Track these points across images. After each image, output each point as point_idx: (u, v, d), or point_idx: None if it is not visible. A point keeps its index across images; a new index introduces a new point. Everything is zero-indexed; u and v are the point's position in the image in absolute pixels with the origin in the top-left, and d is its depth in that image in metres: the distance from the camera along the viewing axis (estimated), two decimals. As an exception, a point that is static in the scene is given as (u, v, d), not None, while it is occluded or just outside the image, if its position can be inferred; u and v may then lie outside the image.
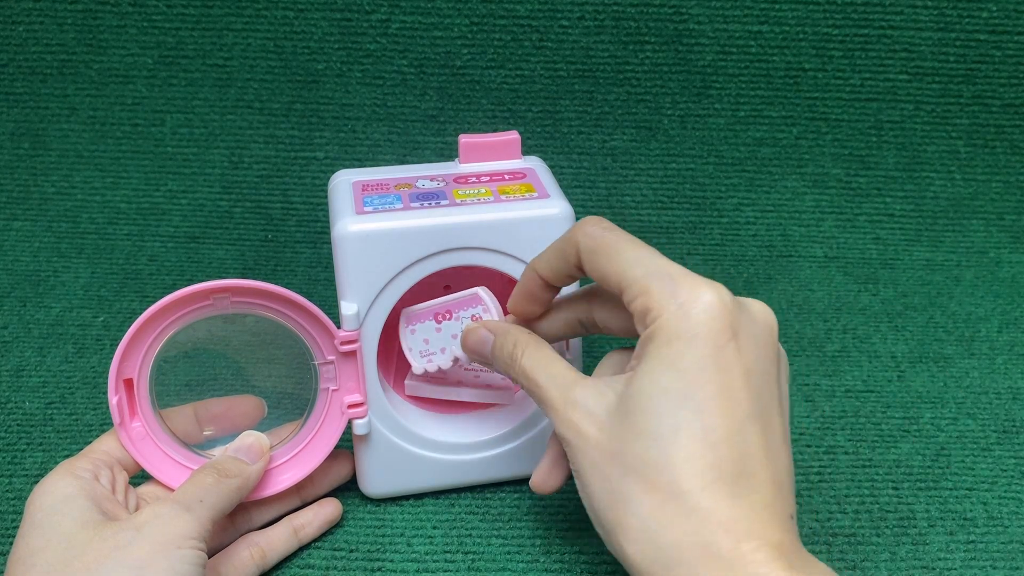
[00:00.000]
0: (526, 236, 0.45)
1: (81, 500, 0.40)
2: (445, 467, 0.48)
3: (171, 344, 0.44)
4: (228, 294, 0.43)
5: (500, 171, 0.48)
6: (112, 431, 0.44)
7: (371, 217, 0.44)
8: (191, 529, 0.39)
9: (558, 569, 0.44)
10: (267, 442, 0.45)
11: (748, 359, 0.36)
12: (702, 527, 0.34)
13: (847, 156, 0.75)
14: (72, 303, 0.65)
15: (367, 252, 0.43)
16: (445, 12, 0.71)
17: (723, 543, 0.33)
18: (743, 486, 0.34)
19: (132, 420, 0.43)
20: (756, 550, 0.33)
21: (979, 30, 0.72)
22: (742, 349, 0.35)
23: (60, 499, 0.40)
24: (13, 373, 0.58)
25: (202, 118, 0.74)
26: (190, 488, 0.41)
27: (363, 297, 0.44)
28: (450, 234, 0.44)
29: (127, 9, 0.72)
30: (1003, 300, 0.67)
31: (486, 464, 0.48)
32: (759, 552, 0.33)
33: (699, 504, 0.34)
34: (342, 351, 0.44)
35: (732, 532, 0.34)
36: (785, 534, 0.35)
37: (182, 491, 0.41)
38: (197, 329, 0.44)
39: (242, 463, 0.43)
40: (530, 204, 0.45)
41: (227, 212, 0.73)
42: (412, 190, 0.46)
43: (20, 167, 0.74)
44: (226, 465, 0.43)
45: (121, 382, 0.43)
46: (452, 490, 0.49)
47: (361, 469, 0.48)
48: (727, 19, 0.71)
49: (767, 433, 0.36)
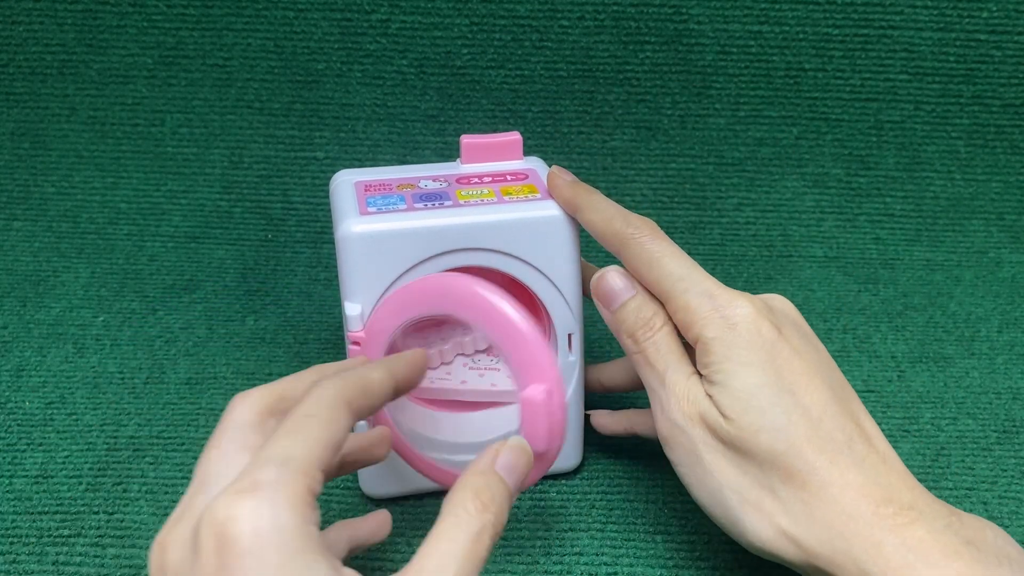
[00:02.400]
0: (529, 237, 0.45)
1: (325, 561, 0.29)
2: (447, 467, 0.48)
3: None
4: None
5: (502, 172, 0.48)
6: (299, 429, 0.32)
7: (375, 218, 0.44)
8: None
9: (558, 570, 0.44)
10: (531, 454, 0.38)
11: (796, 344, 0.39)
12: (841, 498, 0.36)
13: (847, 156, 0.75)
14: (72, 303, 0.65)
15: (372, 253, 0.43)
16: (445, 12, 0.71)
17: (863, 510, 0.36)
18: (857, 453, 0.37)
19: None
20: (896, 514, 0.36)
21: (979, 30, 0.72)
22: (788, 338, 0.39)
23: (310, 560, 0.29)
24: (13, 373, 0.58)
25: (202, 118, 0.74)
26: (457, 546, 0.31)
27: (367, 298, 0.44)
28: (454, 235, 0.44)
29: (127, 9, 0.72)
30: (1003, 300, 0.67)
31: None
32: (900, 516, 0.36)
33: (831, 478, 0.37)
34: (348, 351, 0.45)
35: (869, 497, 0.36)
36: (914, 492, 0.37)
37: (448, 550, 0.31)
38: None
39: (510, 494, 0.35)
40: (533, 205, 0.45)
41: (227, 212, 0.73)
42: (415, 191, 0.46)
43: (20, 167, 0.74)
44: (497, 501, 0.34)
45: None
46: None
47: (364, 471, 0.48)
48: (727, 19, 0.71)
49: (847, 400, 0.39)
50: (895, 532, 0.35)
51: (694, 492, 0.40)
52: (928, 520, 0.36)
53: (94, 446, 0.52)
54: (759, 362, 0.38)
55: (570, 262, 0.46)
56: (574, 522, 0.47)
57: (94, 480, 0.50)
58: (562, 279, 0.46)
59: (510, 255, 0.45)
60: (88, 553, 0.45)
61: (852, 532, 0.36)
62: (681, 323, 0.41)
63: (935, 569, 0.34)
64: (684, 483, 0.41)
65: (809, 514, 0.37)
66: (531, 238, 0.45)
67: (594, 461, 0.51)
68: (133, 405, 0.55)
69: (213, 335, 0.62)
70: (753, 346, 0.39)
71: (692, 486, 0.40)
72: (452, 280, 0.42)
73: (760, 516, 0.38)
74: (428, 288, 0.43)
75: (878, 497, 0.36)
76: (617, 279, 0.43)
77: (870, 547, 0.35)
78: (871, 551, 0.35)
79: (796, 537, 0.37)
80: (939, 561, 0.35)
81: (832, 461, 0.37)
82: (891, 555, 0.35)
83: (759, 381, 0.38)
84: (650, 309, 0.42)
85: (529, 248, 0.45)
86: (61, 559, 0.45)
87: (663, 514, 0.48)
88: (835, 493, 0.36)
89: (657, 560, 0.45)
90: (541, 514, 0.48)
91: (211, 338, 0.62)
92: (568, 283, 0.46)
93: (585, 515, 0.48)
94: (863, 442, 0.38)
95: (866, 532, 0.36)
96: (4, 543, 0.46)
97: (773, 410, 0.38)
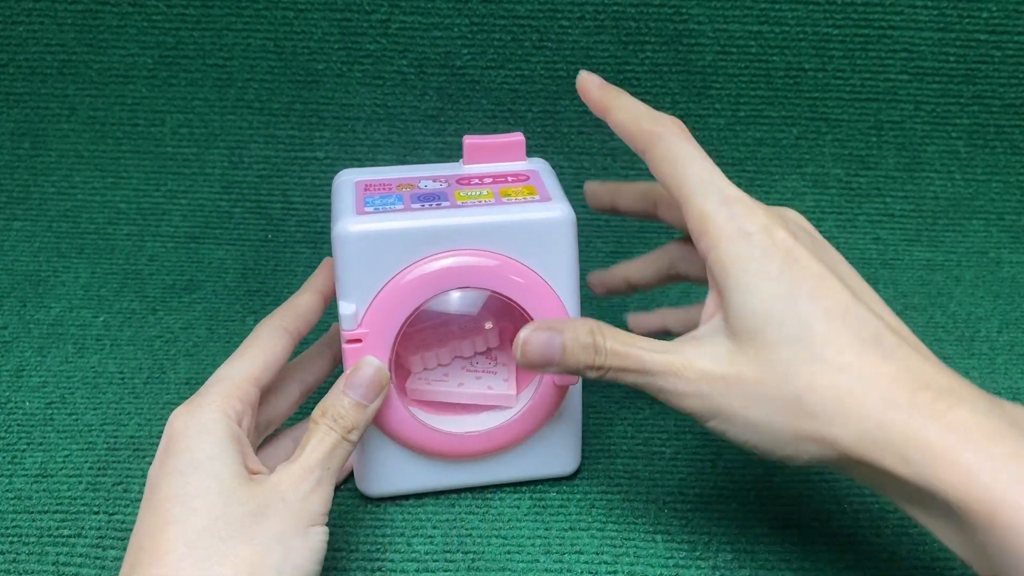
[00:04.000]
0: (526, 239, 0.44)
1: (233, 450, 0.40)
2: (445, 468, 0.48)
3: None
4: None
5: (503, 173, 0.48)
6: (242, 355, 0.44)
7: (371, 217, 0.44)
8: (323, 504, 0.40)
9: (558, 569, 0.44)
10: (387, 375, 0.44)
11: (812, 249, 0.39)
12: (874, 390, 0.36)
13: (847, 156, 0.75)
14: (72, 303, 0.65)
15: (366, 252, 0.43)
16: (445, 12, 0.71)
17: (900, 398, 0.35)
18: (886, 346, 0.37)
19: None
20: (935, 399, 0.35)
21: (979, 30, 0.72)
22: (804, 244, 0.39)
23: (218, 443, 0.39)
24: (13, 373, 0.58)
25: (202, 118, 0.74)
26: (318, 451, 0.40)
27: (361, 297, 0.44)
28: (449, 236, 0.44)
29: (127, 9, 0.72)
30: (1003, 300, 0.67)
31: (487, 466, 0.48)
32: (938, 401, 0.35)
33: (862, 373, 0.36)
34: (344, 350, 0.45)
35: (904, 385, 0.36)
36: (951, 377, 0.36)
37: (312, 454, 0.40)
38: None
39: (361, 408, 0.43)
40: (531, 207, 0.45)
41: (227, 212, 0.73)
42: (414, 191, 0.46)
43: (20, 167, 0.74)
44: (347, 417, 0.42)
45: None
46: (452, 491, 0.49)
47: (361, 469, 0.48)
48: (727, 19, 0.71)
49: (869, 301, 0.39)
50: (935, 417, 0.35)
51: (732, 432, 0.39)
52: (969, 404, 0.35)
53: (94, 446, 0.52)
54: (775, 271, 0.38)
55: (568, 265, 0.45)
56: (574, 522, 0.47)
57: (94, 480, 0.50)
58: (560, 282, 0.45)
59: (505, 256, 0.45)
60: (88, 553, 0.45)
61: (890, 421, 0.35)
62: (695, 229, 0.40)
63: (979, 452, 0.33)
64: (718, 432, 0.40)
65: (844, 412, 0.36)
66: (528, 240, 0.44)
67: (594, 461, 0.51)
68: (133, 405, 0.55)
69: (213, 335, 0.62)
70: (768, 255, 0.38)
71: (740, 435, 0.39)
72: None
73: (805, 433, 0.37)
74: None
75: (913, 384, 0.36)
76: (539, 334, 0.40)
77: (910, 433, 0.35)
78: (912, 437, 0.34)
79: (833, 438, 0.36)
80: (983, 444, 0.34)
81: (859, 357, 0.36)
82: (933, 439, 0.34)
83: (775, 292, 0.37)
84: (583, 330, 0.40)
85: (526, 250, 0.45)
86: (61, 559, 0.45)
87: (663, 514, 0.48)
88: (868, 386, 0.36)
89: (657, 560, 0.45)
90: (541, 514, 0.48)
91: (211, 338, 0.62)
92: (566, 286, 0.46)
93: (585, 515, 0.48)
94: (891, 335, 0.37)
95: (904, 419, 0.35)
96: (4, 543, 0.46)
97: (789, 321, 0.37)
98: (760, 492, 0.49)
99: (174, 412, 0.41)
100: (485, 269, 0.44)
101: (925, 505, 0.35)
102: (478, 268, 0.44)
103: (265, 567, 0.37)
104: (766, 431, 0.37)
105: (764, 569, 0.44)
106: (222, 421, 0.40)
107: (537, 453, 0.48)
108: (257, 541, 0.37)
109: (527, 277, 0.45)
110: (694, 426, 0.53)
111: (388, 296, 0.44)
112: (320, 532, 0.39)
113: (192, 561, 0.36)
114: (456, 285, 0.45)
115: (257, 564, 0.37)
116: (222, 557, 0.36)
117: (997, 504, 0.33)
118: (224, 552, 0.36)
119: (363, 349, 0.44)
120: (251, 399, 0.42)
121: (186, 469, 0.38)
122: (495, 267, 0.44)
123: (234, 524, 0.37)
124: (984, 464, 0.33)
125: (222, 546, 0.37)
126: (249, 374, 0.43)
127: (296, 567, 0.38)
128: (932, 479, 0.34)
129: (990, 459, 0.33)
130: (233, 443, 0.40)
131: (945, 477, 0.34)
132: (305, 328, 0.47)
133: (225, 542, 0.37)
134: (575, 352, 0.40)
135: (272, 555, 0.37)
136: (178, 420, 0.40)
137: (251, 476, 0.39)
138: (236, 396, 0.42)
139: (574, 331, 0.40)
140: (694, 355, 0.39)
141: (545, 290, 0.45)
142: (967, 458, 0.33)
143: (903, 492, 0.36)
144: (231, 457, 0.39)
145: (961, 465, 0.33)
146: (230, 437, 0.40)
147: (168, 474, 0.39)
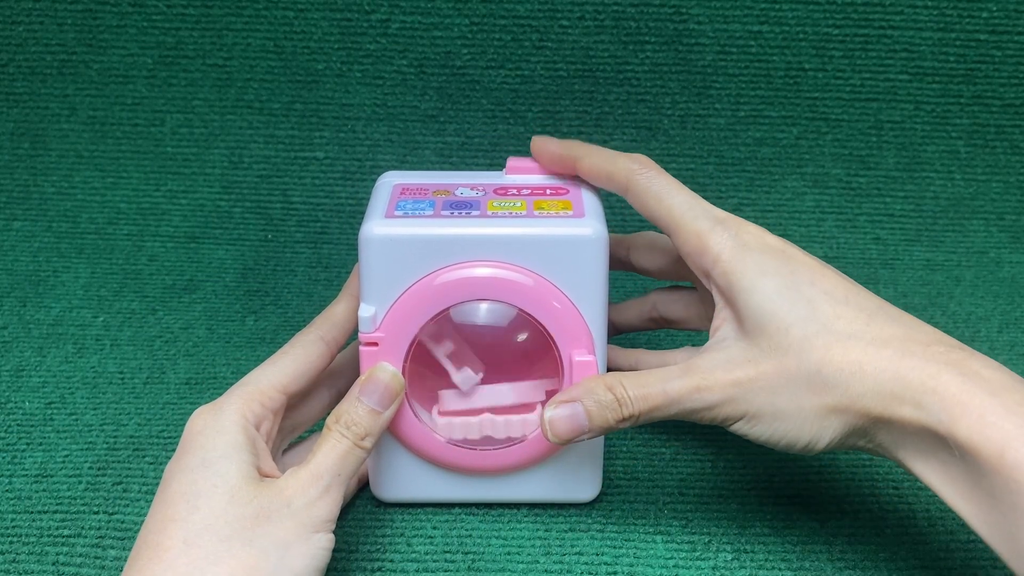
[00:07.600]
0: (551, 254, 0.43)
1: (247, 452, 0.40)
2: (460, 482, 0.47)
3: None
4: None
5: (543, 185, 0.47)
6: (273, 362, 0.44)
7: (397, 221, 0.43)
8: (330, 512, 0.40)
9: (558, 570, 0.44)
10: (402, 381, 0.44)
11: (800, 248, 0.43)
12: (888, 347, 0.38)
13: (847, 156, 0.75)
14: (72, 303, 0.65)
15: (387, 256, 0.43)
16: (445, 12, 0.71)
17: (915, 350, 0.37)
18: (891, 314, 0.40)
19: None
20: (949, 351, 0.37)
21: (979, 30, 0.72)
22: (794, 246, 0.43)
23: (232, 444, 0.40)
24: (13, 373, 0.58)
25: (202, 118, 0.74)
26: (329, 459, 0.40)
27: (380, 300, 0.44)
28: (472, 246, 0.43)
29: (127, 9, 0.72)
30: (1003, 300, 0.67)
31: (502, 484, 0.47)
32: (952, 352, 0.37)
33: (874, 336, 0.38)
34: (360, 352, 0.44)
35: (917, 341, 0.38)
36: (955, 342, 0.38)
37: (322, 460, 0.40)
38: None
39: (375, 415, 0.42)
40: (562, 222, 0.43)
41: (227, 212, 0.73)
42: (448, 197, 0.46)
43: (20, 167, 0.74)
44: (360, 423, 0.42)
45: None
46: (468, 504, 0.48)
47: (376, 473, 0.47)
48: (727, 19, 0.71)
49: (864, 289, 0.41)
50: (950, 365, 0.36)
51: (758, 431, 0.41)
52: (980, 359, 0.37)
53: (94, 446, 0.52)
54: (775, 266, 0.41)
55: (596, 285, 0.44)
56: (574, 522, 0.47)
57: (94, 480, 0.50)
58: (586, 303, 0.44)
59: (529, 271, 0.43)
60: (88, 553, 0.45)
61: (907, 369, 0.37)
62: (693, 250, 0.42)
63: (992, 397, 0.35)
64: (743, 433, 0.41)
65: (861, 373, 0.37)
66: (555, 256, 0.43)
67: (594, 461, 0.51)
68: (133, 405, 0.55)
69: (213, 335, 0.62)
70: (767, 256, 0.41)
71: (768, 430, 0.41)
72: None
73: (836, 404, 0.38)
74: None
75: (926, 340, 0.38)
76: (561, 409, 0.41)
77: (926, 378, 0.36)
78: (926, 382, 0.36)
79: (852, 402, 0.38)
80: (996, 390, 0.35)
81: (868, 325, 0.39)
82: (948, 384, 0.36)
83: (779, 284, 0.40)
84: (600, 388, 0.41)
85: (553, 267, 0.43)
86: (61, 559, 0.45)
87: (663, 514, 0.48)
88: (881, 346, 0.38)
89: (657, 560, 0.45)
90: (541, 514, 0.48)
91: (211, 338, 0.62)
92: (593, 307, 0.44)
93: (585, 515, 0.48)
94: (893, 308, 0.40)
95: (920, 366, 0.37)
96: (4, 543, 0.46)
97: (796, 304, 0.39)
98: (760, 492, 0.49)
99: (196, 411, 0.41)
100: (508, 283, 0.43)
101: (939, 456, 0.36)
102: (501, 281, 0.43)
103: (260, 571, 0.37)
104: (793, 415, 0.39)
105: (764, 569, 0.44)
106: (239, 423, 0.40)
107: (556, 476, 0.47)
108: (256, 544, 0.37)
109: (552, 295, 0.44)
110: (694, 426, 0.53)
111: (407, 302, 0.44)
112: (324, 539, 0.39)
113: (188, 559, 0.36)
114: (477, 297, 0.44)
115: (253, 567, 0.37)
116: (218, 557, 0.36)
117: (1007, 444, 0.34)
118: (221, 552, 0.37)
119: (379, 353, 0.44)
120: (275, 405, 0.43)
121: (196, 467, 0.39)
122: (519, 282, 0.43)
123: (235, 525, 0.37)
124: (996, 408, 0.35)
125: (220, 546, 0.37)
126: (277, 381, 0.43)
127: (294, 573, 0.38)
128: (946, 423, 0.35)
129: (1002, 405, 0.35)
130: (247, 445, 0.40)
131: (958, 419, 0.35)
132: (342, 336, 0.46)
133: (224, 542, 0.37)
134: (602, 414, 0.41)
135: (269, 559, 0.37)
136: (198, 419, 0.41)
137: (261, 479, 0.39)
138: (258, 400, 0.42)
139: (592, 394, 0.41)
140: (711, 366, 0.41)
141: (570, 310, 0.44)
142: (980, 400, 0.35)
143: (918, 447, 0.37)
144: (243, 459, 0.39)
145: (974, 408, 0.35)
146: (245, 439, 0.40)
147: (179, 471, 0.39)
